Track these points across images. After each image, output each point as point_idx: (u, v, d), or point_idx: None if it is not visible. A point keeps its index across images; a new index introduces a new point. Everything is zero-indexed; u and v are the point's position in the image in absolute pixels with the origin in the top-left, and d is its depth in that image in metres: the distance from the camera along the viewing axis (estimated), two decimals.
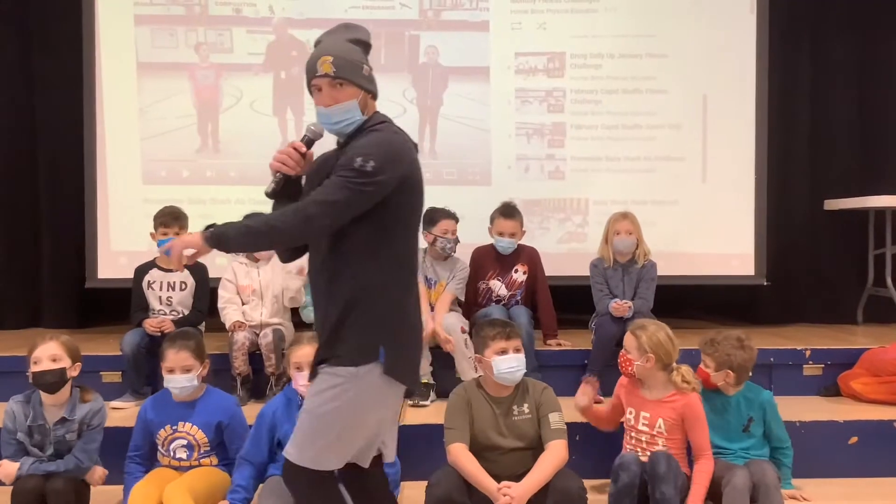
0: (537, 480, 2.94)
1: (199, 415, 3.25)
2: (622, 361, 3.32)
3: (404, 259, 2.29)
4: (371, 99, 2.36)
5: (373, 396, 2.22)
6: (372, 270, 2.22)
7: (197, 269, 4.31)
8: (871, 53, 5.78)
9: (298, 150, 2.33)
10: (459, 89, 5.42)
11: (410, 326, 2.31)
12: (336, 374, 2.20)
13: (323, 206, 2.15)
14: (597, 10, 5.43)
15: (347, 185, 2.15)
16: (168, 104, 5.33)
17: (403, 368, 2.26)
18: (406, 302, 2.29)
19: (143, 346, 4.09)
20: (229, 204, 5.28)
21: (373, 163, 2.15)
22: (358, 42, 2.38)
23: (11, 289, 5.57)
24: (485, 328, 3.17)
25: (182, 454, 3.23)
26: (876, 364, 4.16)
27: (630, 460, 3.11)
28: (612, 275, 4.41)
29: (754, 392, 3.40)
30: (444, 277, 4.44)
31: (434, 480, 2.97)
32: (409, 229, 2.31)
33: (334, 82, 2.28)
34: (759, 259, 5.45)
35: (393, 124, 2.33)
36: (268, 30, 5.38)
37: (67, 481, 3.02)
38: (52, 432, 3.10)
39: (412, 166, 2.28)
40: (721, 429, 3.33)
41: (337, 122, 2.31)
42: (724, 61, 5.44)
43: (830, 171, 5.76)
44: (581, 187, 5.44)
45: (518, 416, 3.09)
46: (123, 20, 5.29)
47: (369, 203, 2.18)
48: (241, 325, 4.15)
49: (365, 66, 2.35)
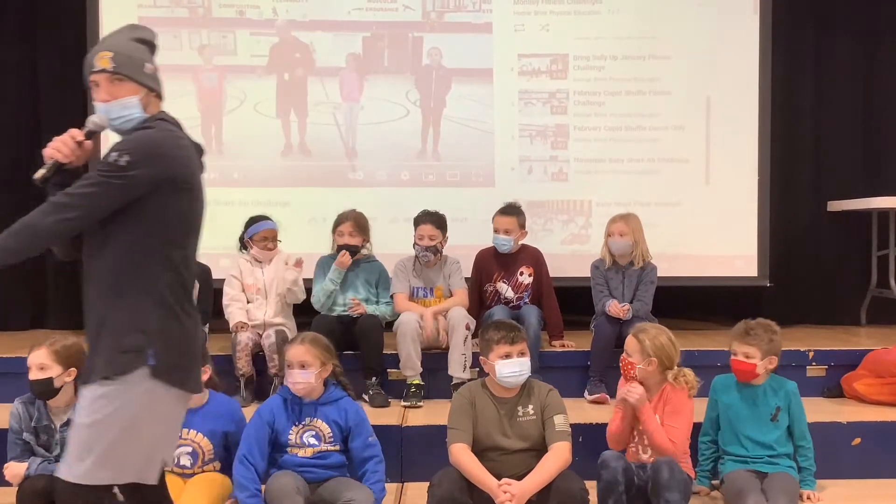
0: (539, 480, 2.94)
1: (203, 422, 3.22)
2: (624, 365, 3.31)
3: (172, 263, 2.19)
4: (155, 98, 2.33)
5: (143, 403, 2.12)
6: (136, 275, 2.14)
7: (198, 270, 4.29)
8: (874, 54, 5.78)
9: (75, 138, 2.23)
10: (462, 91, 5.43)
11: (182, 331, 2.21)
12: (103, 384, 2.10)
13: (73, 198, 2.10)
14: (599, 11, 5.44)
15: (99, 178, 2.10)
16: (171, 106, 5.19)
17: (175, 372, 2.17)
18: (175, 307, 2.19)
19: None
20: (233, 206, 5.28)
21: (127, 157, 2.11)
22: (142, 41, 2.35)
23: (15, 289, 5.58)
24: (490, 331, 3.16)
25: (186, 461, 3.20)
26: (879, 365, 4.16)
27: (609, 457, 3.10)
28: (612, 276, 4.42)
29: (778, 382, 3.41)
30: (440, 281, 4.45)
31: (436, 480, 2.98)
32: (176, 232, 2.22)
33: (112, 78, 2.24)
34: (763, 260, 5.45)
35: (170, 124, 2.28)
36: (271, 32, 5.38)
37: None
38: (57, 433, 3.10)
39: (180, 166, 2.20)
40: (752, 419, 3.34)
41: (115, 118, 2.26)
42: (727, 63, 5.44)
43: (834, 172, 5.76)
44: (584, 189, 5.44)
45: (523, 417, 3.09)
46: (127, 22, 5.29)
47: (121, 198, 2.11)
48: (244, 325, 4.16)
49: (148, 65, 2.31)
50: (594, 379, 4.20)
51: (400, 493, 3.49)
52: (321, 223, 4.90)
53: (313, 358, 3.15)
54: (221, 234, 5.16)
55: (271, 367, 4.11)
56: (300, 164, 5.40)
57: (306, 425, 3.16)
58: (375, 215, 4.67)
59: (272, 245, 4.38)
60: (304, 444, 3.14)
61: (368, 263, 4.44)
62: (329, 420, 3.16)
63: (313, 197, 5.35)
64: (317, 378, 3.15)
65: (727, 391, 3.42)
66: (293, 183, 5.37)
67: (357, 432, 3.17)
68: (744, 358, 3.35)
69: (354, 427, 3.17)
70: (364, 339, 4.14)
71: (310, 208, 5.28)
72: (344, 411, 3.18)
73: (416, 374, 4.15)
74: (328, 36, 5.41)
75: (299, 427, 3.15)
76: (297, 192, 5.36)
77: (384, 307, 4.34)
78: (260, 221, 4.40)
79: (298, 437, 3.14)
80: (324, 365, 3.17)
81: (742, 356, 3.35)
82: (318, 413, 3.17)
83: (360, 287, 4.38)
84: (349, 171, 5.41)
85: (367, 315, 4.20)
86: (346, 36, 5.40)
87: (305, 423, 3.16)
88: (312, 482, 3.09)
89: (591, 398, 4.15)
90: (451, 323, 4.16)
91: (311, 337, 3.25)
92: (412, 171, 5.42)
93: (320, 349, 3.19)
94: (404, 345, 4.11)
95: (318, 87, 5.40)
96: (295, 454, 3.13)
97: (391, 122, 5.42)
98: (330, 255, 4.43)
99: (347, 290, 4.36)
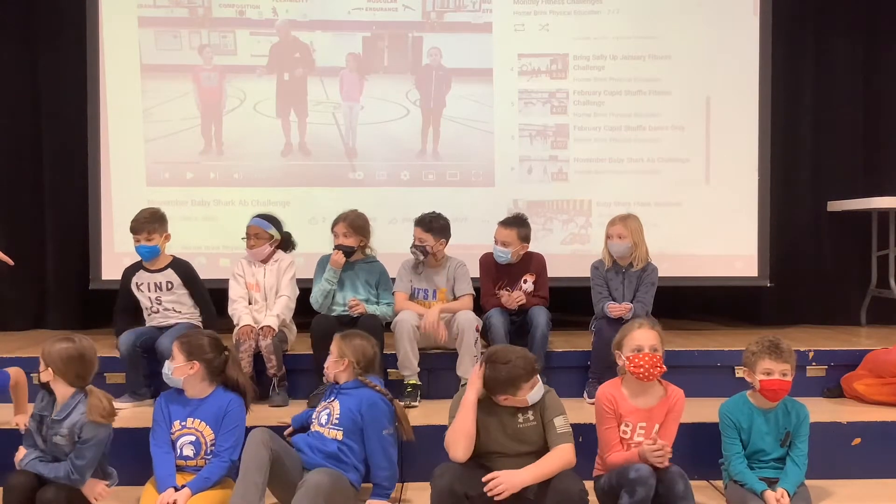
0: (536, 474, 2.92)
1: (207, 411, 3.26)
2: (653, 363, 3.15)
3: None
4: None
5: None
6: None
7: (179, 266, 4.29)
8: (874, 54, 5.77)
9: None
10: (462, 91, 5.43)
11: None
12: None
13: None
14: (599, 11, 5.44)
15: None
16: (172, 106, 5.34)
17: None
18: None
19: (139, 345, 4.09)
20: (233, 205, 5.30)
21: None
22: None
23: (16, 290, 5.58)
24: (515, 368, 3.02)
25: (189, 451, 3.22)
26: (879, 365, 4.16)
27: (647, 474, 2.98)
28: (611, 277, 4.40)
29: (793, 404, 3.31)
30: (443, 284, 4.44)
31: (438, 472, 2.97)
32: None
33: None
34: (763, 260, 5.45)
35: None
36: (271, 32, 5.38)
37: (59, 490, 2.96)
38: (46, 427, 3.08)
39: None
40: (763, 440, 3.27)
41: None
42: (727, 63, 5.44)
43: (833, 172, 5.76)
44: (584, 189, 5.44)
45: (523, 423, 3.07)
46: (127, 22, 5.31)
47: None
48: (251, 330, 4.14)
49: None
50: (593, 381, 4.20)
51: (400, 493, 3.48)
52: (321, 223, 4.89)
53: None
54: (221, 234, 5.21)
55: (269, 369, 4.13)
56: (300, 164, 5.40)
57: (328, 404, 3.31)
58: (375, 215, 4.66)
59: (254, 242, 4.31)
60: (318, 420, 3.31)
61: (368, 264, 4.42)
62: (344, 407, 3.27)
63: (313, 197, 5.35)
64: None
65: (746, 417, 3.28)
66: (293, 183, 5.37)
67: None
68: (782, 377, 3.18)
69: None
70: None
71: (310, 208, 5.28)
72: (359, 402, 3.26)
73: (413, 374, 4.15)
74: (328, 36, 5.41)
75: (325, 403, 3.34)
76: (297, 192, 5.36)
77: (384, 308, 4.33)
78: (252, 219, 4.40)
79: (318, 413, 3.34)
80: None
81: (780, 375, 3.18)
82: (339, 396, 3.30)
83: (360, 288, 4.37)
84: (349, 171, 5.41)
85: (367, 315, 4.19)
86: (346, 36, 5.41)
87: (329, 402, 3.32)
88: (308, 467, 3.17)
89: (590, 401, 4.14)
90: (461, 326, 4.16)
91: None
92: (412, 171, 5.42)
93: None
94: (401, 344, 4.11)
95: (318, 86, 5.40)
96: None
97: (391, 122, 5.42)
98: (329, 254, 4.43)
99: (347, 291, 4.35)
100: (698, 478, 3.58)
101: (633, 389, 3.23)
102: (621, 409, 3.22)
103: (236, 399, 3.32)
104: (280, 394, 4.13)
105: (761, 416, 3.28)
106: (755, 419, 3.27)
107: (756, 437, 3.27)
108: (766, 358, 3.20)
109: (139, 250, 4.23)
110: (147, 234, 4.19)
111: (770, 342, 3.23)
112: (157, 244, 4.23)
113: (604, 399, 3.23)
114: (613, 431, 3.21)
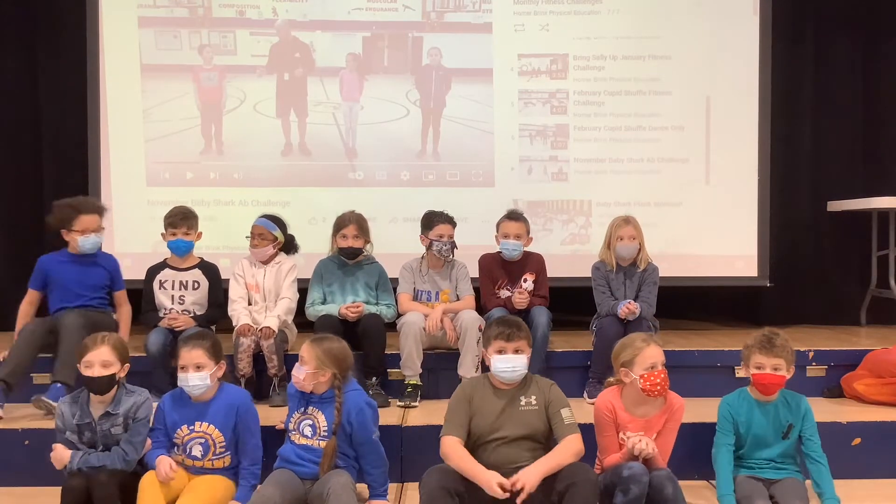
0: (550, 465, 2.94)
1: (215, 413, 3.26)
2: (665, 379, 3.15)
3: None
4: None
5: None
6: None
7: (208, 268, 4.35)
8: (874, 53, 5.78)
9: None
10: (462, 91, 5.43)
11: None
12: None
13: None
14: (599, 11, 5.44)
15: None
16: (172, 106, 5.34)
17: None
18: None
19: (169, 344, 4.07)
20: (233, 205, 5.30)
21: None
22: None
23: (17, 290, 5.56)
24: (492, 326, 3.25)
25: (197, 452, 3.24)
26: (879, 365, 4.16)
27: (640, 472, 3.01)
28: (613, 278, 4.40)
29: (791, 397, 3.33)
30: (446, 286, 4.45)
31: (426, 475, 2.97)
32: None
33: None
34: (763, 260, 5.45)
35: None
36: (271, 32, 5.39)
37: (112, 474, 3.05)
38: (98, 427, 3.15)
39: None
40: (763, 432, 3.27)
41: None
42: (726, 63, 5.44)
43: (833, 172, 5.76)
44: (584, 189, 5.44)
45: (525, 406, 3.12)
46: (127, 22, 5.31)
47: None
48: (250, 329, 4.14)
49: None
50: (593, 381, 4.20)
51: (400, 492, 3.48)
52: (321, 223, 4.90)
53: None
54: (222, 234, 5.20)
55: (270, 368, 4.13)
56: (300, 164, 5.40)
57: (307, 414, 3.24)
58: (375, 215, 4.67)
59: (257, 242, 4.34)
60: (300, 432, 3.23)
61: (368, 265, 4.43)
62: (330, 418, 3.19)
63: (313, 197, 5.35)
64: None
65: (745, 410, 3.29)
66: (293, 183, 5.38)
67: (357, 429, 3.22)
68: (773, 371, 3.21)
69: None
70: (367, 338, 4.14)
71: (310, 208, 5.28)
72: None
73: (415, 375, 4.16)
74: (328, 36, 5.41)
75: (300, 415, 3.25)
76: (297, 192, 5.36)
77: (385, 309, 4.33)
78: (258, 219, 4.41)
79: (297, 425, 3.24)
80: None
81: (771, 369, 3.20)
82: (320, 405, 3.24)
83: (360, 290, 4.37)
84: (349, 171, 5.41)
85: (370, 314, 4.20)
86: (346, 36, 5.41)
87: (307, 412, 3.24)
88: (306, 478, 3.15)
89: (590, 401, 4.14)
90: (464, 325, 4.16)
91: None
92: (412, 171, 5.42)
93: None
94: (406, 344, 4.11)
95: (318, 87, 5.40)
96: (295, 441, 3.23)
97: (391, 122, 5.42)
98: (328, 258, 4.43)
99: (347, 294, 4.35)
100: (698, 478, 3.59)
101: (633, 400, 3.23)
102: (620, 419, 3.23)
103: (239, 393, 3.36)
104: (280, 394, 4.12)
105: (760, 408, 3.30)
106: (754, 412, 3.29)
107: (756, 429, 3.29)
108: (757, 352, 3.23)
109: (176, 244, 4.27)
110: (186, 229, 4.26)
111: (764, 336, 3.25)
112: (193, 240, 4.30)
113: (604, 408, 3.24)
114: (612, 439, 3.23)
